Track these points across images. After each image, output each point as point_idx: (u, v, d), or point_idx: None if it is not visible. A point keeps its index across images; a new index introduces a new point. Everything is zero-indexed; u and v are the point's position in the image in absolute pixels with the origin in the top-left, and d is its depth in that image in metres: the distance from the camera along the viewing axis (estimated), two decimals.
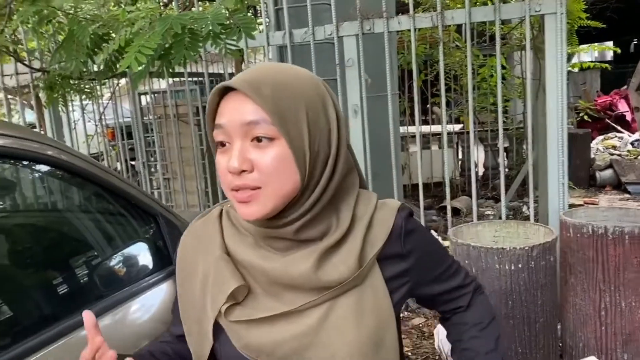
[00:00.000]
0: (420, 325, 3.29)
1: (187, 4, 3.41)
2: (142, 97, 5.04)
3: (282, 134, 0.78)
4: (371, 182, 3.42)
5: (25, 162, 1.47)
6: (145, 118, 4.92)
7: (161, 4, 3.77)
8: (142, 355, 0.95)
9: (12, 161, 1.44)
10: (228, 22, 1.96)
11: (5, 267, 1.39)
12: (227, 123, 0.80)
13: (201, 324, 0.88)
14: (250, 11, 5.05)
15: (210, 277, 0.86)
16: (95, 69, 2.75)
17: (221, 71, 5.98)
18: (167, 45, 2.02)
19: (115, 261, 1.56)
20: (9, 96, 4.35)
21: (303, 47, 3.45)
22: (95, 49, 2.16)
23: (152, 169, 5.04)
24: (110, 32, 2.18)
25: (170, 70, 2.09)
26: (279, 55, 4.25)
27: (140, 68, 1.85)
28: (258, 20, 5.35)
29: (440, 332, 2.94)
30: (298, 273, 0.81)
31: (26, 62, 3.40)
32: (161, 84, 6.16)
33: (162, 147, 4.85)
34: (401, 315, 3.43)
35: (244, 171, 0.79)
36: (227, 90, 0.81)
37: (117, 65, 2.14)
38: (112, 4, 2.72)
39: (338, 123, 0.85)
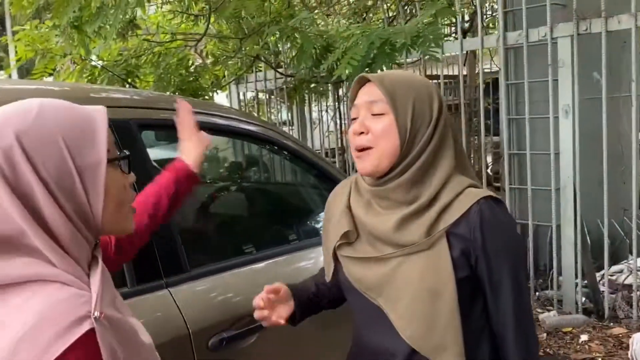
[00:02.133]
0: (620, 335, 3.14)
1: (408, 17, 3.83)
2: None
3: (392, 111, 1.08)
4: (578, 189, 3.36)
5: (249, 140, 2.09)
6: None
7: (386, 18, 4.25)
8: (305, 283, 1.37)
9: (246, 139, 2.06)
10: (420, 34, 2.31)
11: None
12: (359, 102, 1.13)
13: (329, 252, 1.22)
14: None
15: (336, 222, 1.20)
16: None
17: (456, 73, 6.29)
18: (372, 55, 2.47)
19: (313, 216, 2.12)
20: (272, 97, 5.36)
21: (533, 48, 3.50)
22: (321, 59, 2.74)
23: None
24: (333, 44, 2.73)
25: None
26: (505, 57, 4.37)
27: (348, 72, 2.34)
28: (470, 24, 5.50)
29: (636, 342, 2.81)
30: (382, 230, 1.09)
31: (280, 70, 4.25)
32: None
33: None
34: (599, 323, 3.32)
35: (362, 133, 1.10)
36: (365, 82, 1.14)
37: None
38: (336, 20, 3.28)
39: (439, 115, 1.11)
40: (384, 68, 2.43)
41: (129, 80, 3.26)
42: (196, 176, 1.31)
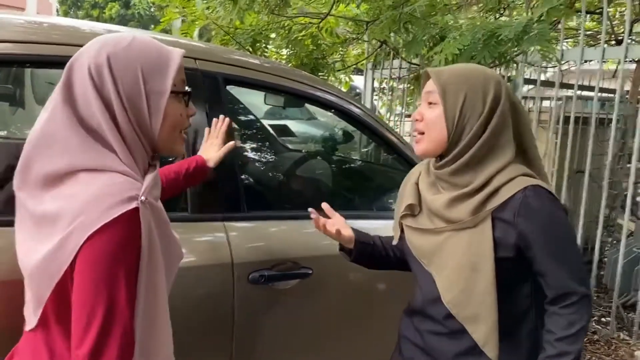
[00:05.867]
0: None
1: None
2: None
3: (442, 102, 1.21)
4: None
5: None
6: None
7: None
8: (371, 238, 1.49)
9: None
10: (528, 30, 2.26)
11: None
12: (423, 92, 1.28)
13: (397, 220, 1.39)
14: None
15: (406, 195, 1.36)
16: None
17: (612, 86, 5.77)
18: (479, 47, 2.46)
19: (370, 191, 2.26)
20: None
21: None
22: (433, 46, 2.78)
23: None
24: (444, 34, 2.76)
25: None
26: None
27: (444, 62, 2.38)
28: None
29: None
30: (436, 206, 1.24)
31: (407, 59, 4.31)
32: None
33: None
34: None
35: (417, 120, 1.26)
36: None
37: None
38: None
39: (493, 111, 1.20)
40: (488, 60, 2.42)
41: (254, 49, 3.60)
42: (207, 171, 1.56)
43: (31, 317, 0.97)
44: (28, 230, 0.96)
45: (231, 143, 1.61)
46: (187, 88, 1.09)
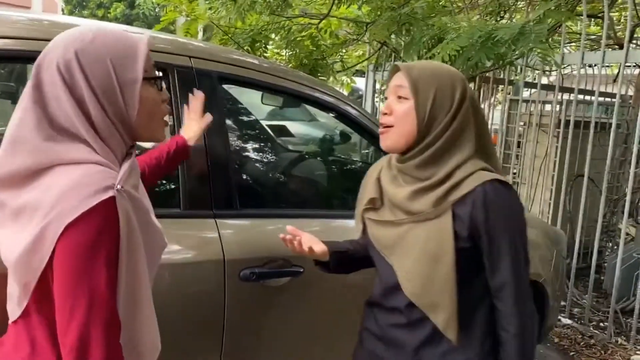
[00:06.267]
0: None
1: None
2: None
3: (413, 97, 1.23)
4: None
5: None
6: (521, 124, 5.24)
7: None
8: (343, 245, 1.51)
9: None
10: (524, 32, 2.26)
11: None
12: (390, 86, 1.30)
13: (359, 214, 1.41)
14: None
15: (367, 190, 1.39)
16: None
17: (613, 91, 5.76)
18: (477, 48, 2.46)
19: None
20: None
21: None
22: (431, 47, 2.79)
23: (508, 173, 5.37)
24: (442, 35, 2.76)
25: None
26: None
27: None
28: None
29: None
30: (398, 198, 1.27)
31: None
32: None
33: (520, 152, 5.15)
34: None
35: (386, 114, 1.27)
36: (398, 69, 1.31)
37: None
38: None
39: (460, 107, 1.23)
40: (485, 62, 2.42)
41: (254, 49, 3.61)
42: (188, 151, 1.56)
43: (15, 308, 0.98)
44: (8, 226, 0.96)
45: (208, 116, 1.60)
46: (157, 73, 1.09)
